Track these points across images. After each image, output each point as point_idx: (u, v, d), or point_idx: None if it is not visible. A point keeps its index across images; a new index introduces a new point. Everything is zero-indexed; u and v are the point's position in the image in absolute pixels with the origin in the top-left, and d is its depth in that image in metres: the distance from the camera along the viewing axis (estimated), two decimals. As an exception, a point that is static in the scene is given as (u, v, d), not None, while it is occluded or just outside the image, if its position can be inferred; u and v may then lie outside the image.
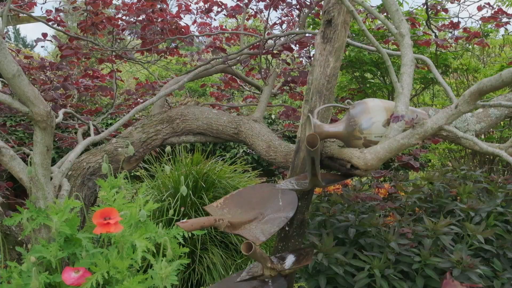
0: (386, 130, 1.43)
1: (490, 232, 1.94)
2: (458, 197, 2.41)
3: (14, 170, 1.49)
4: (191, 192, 3.01)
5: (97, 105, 2.96)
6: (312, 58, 1.80)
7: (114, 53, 2.57)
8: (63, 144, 2.87)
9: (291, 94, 3.15)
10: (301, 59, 2.81)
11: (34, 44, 2.23)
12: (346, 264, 1.99)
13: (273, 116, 5.43)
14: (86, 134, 2.63)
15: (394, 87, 1.44)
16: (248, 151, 5.25)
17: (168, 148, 1.61)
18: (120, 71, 2.90)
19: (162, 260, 1.36)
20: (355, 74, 3.80)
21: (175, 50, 2.95)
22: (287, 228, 1.70)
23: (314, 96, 1.72)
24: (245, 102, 3.30)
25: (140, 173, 3.58)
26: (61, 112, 1.86)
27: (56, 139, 3.31)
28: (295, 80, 2.46)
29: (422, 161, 3.60)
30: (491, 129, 2.82)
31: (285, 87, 2.64)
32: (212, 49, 2.39)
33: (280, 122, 5.32)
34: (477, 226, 2.00)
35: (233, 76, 3.10)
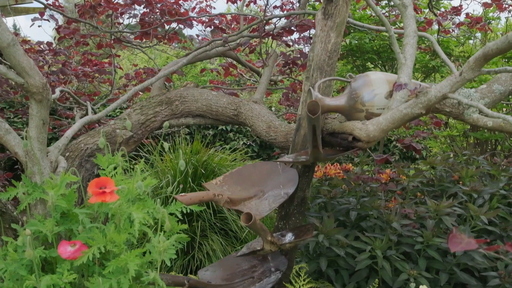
0: (389, 102, 1.40)
1: (494, 213, 1.91)
2: (461, 182, 2.38)
3: (10, 144, 1.46)
4: (190, 179, 2.99)
5: (95, 91, 2.94)
6: (312, 40, 1.77)
7: (113, 37, 2.55)
8: (62, 134, 2.84)
9: (292, 84, 3.12)
10: (301, 46, 2.79)
11: (32, 23, 2.19)
12: (348, 246, 1.96)
13: (273, 109, 5.41)
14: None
15: (396, 58, 1.41)
16: (248, 143, 5.23)
17: (166, 124, 1.58)
18: (119, 56, 2.87)
19: (160, 234, 1.34)
20: (356, 63, 3.77)
21: (174, 36, 2.93)
22: (287, 206, 1.67)
23: (315, 73, 1.69)
24: (246, 90, 3.26)
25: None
26: (57, 90, 1.84)
27: (55, 130, 3.28)
28: (295, 62, 2.43)
29: (423, 145, 3.56)
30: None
31: (285, 69, 2.60)
32: (211, 28, 2.36)
33: (280, 115, 5.29)
34: (481, 208, 1.97)
35: (233, 63, 3.07)
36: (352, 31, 3.46)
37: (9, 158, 3.40)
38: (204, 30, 3.40)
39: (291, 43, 2.34)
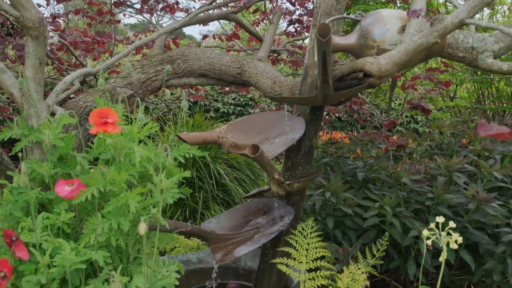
0: (401, 37, 1.34)
1: (506, 169, 1.85)
2: (470, 146, 2.31)
3: (5, 84, 1.40)
4: (192, 150, 2.92)
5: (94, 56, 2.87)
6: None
7: (113, 1, 2.48)
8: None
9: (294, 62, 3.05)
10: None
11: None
12: (356, 206, 1.90)
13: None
14: (83, 83, 2.54)
15: (409, -9, 1.34)
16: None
17: (168, 68, 1.52)
18: (119, 21, 2.81)
19: (162, 174, 1.27)
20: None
21: (175, 5, 2.87)
22: (294, 156, 1.61)
23: (322, 19, 1.62)
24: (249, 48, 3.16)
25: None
26: (55, 37, 1.77)
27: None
28: (300, 20, 2.36)
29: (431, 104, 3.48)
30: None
31: (290, 27, 2.54)
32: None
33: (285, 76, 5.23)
34: (493, 166, 1.91)
35: (236, 32, 3.01)
36: (356, 3, 3.39)
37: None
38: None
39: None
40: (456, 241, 1.10)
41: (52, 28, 2.75)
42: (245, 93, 5.24)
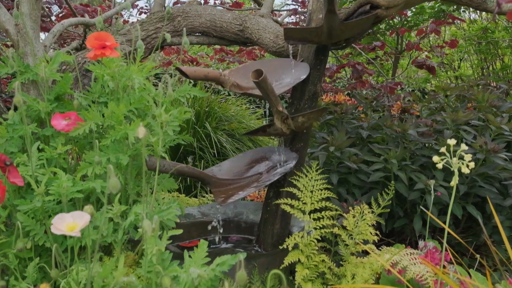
0: (409, -32, 1.29)
1: (515, 123, 1.81)
2: (477, 109, 2.27)
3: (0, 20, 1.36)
4: (194, 119, 2.88)
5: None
6: None
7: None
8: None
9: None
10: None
11: None
12: (360, 162, 1.86)
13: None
14: (82, 45, 2.50)
15: None
16: (258, 103, 5.07)
17: (168, 9, 1.47)
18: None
19: (161, 107, 1.23)
20: None
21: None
22: (297, 102, 1.57)
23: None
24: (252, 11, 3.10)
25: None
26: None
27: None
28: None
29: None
30: None
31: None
32: None
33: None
34: (501, 119, 1.87)
35: (237, 1, 2.96)
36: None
37: None
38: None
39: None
40: (468, 166, 1.06)
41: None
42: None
